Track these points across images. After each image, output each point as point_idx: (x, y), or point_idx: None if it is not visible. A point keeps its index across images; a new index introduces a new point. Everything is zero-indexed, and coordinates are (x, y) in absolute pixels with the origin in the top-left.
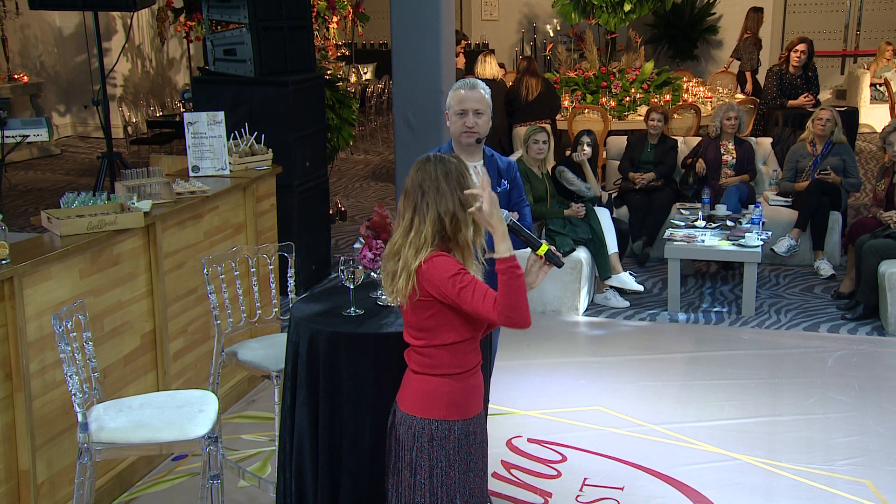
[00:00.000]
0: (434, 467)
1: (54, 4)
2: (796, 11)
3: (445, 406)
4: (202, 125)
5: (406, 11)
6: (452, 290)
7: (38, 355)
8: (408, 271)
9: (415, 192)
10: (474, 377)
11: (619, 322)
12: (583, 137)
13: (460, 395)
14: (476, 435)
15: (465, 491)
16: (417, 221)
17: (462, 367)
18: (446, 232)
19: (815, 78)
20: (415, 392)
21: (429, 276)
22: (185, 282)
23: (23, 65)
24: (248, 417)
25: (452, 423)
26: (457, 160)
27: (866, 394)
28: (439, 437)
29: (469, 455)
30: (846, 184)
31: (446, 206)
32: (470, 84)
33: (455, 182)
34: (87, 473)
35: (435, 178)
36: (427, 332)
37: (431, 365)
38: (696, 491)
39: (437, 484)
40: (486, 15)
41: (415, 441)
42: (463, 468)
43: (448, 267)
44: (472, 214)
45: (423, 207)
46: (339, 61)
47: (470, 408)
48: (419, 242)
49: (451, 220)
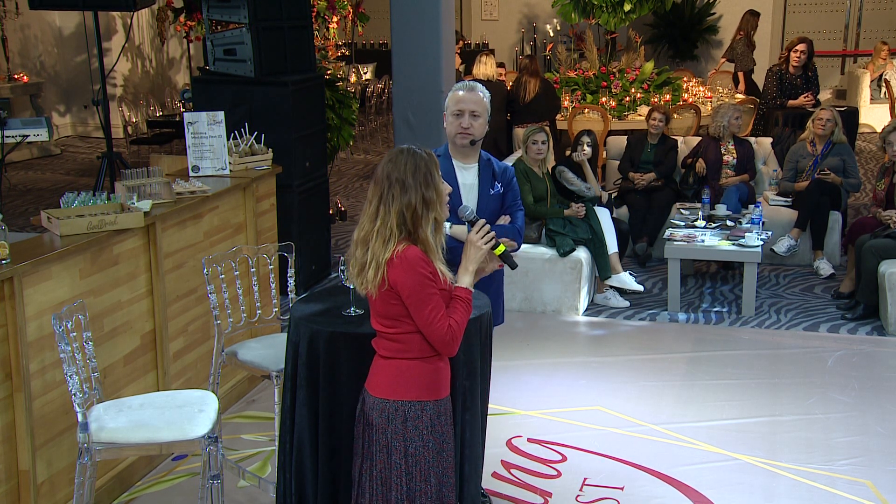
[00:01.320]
0: (408, 447)
1: (54, 4)
2: (796, 11)
3: (416, 388)
4: (202, 125)
5: (406, 11)
6: (413, 295)
7: (38, 355)
8: (377, 262)
9: (383, 182)
10: (442, 361)
11: (619, 322)
12: (583, 137)
13: (430, 377)
14: (447, 416)
15: (439, 470)
16: (383, 212)
17: (430, 350)
18: (407, 224)
19: (815, 78)
20: (386, 376)
21: (398, 270)
22: (185, 282)
23: (23, 65)
24: (248, 417)
25: (424, 404)
26: (428, 155)
27: (866, 394)
28: (412, 417)
29: (441, 435)
30: (846, 184)
31: (409, 201)
32: (469, 86)
33: (422, 178)
34: (87, 473)
35: (403, 171)
36: (396, 319)
37: (402, 349)
38: (696, 491)
39: (412, 464)
40: (486, 15)
41: (389, 423)
42: (436, 448)
43: (418, 267)
44: (436, 216)
45: (389, 199)
46: (339, 61)
47: (440, 389)
48: (386, 233)
49: (412, 215)
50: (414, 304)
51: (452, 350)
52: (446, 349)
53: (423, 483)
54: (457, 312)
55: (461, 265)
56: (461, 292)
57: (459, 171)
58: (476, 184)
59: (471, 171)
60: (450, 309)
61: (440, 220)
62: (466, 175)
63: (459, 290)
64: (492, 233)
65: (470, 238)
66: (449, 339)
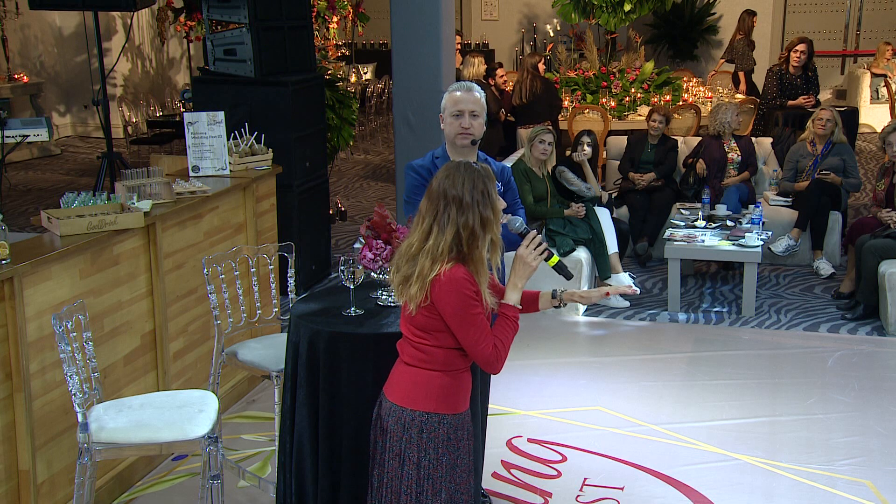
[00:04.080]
0: (422, 459)
1: (54, 4)
2: (796, 11)
3: (436, 399)
4: (202, 125)
5: (406, 11)
6: (456, 316)
7: (38, 355)
8: (423, 280)
9: (438, 199)
10: (465, 374)
11: (619, 322)
12: (583, 137)
13: (450, 390)
14: (464, 430)
15: (451, 486)
16: (436, 230)
17: (454, 365)
18: (463, 246)
19: (815, 78)
20: (406, 383)
21: (443, 290)
22: (185, 282)
23: (23, 65)
24: (248, 417)
25: (442, 417)
26: (485, 171)
27: (866, 394)
28: (428, 429)
29: (457, 450)
30: (846, 184)
31: (466, 221)
32: (466, 86)
33: (479, 196)
34: (87, 473)
35: (461, 189)
36: (428, 332)
37: (426, 360)
38: (696, 491)
39: (424, 476)
40: (486, 15)
41: (404, 432)
42: (450, 463)
43: (463, 288)
44: (493, 237)
45: (444, 219)
46: (339, 61)
47: (459, 403)
48: (436, 253)
49: (470, 235)
50: (458, 324)
51: (497, 369)
52: (492, 368)
53: (433, 497)
54: (501, 331)
55: (510, 281)
56: (508, 310)
57: None
58: None
59: None
60: (495, 328)
61: (496, 241)
62: None
63: (505, 307)
64: (543, 244)
65: (520, 253)
66: (493, 359)
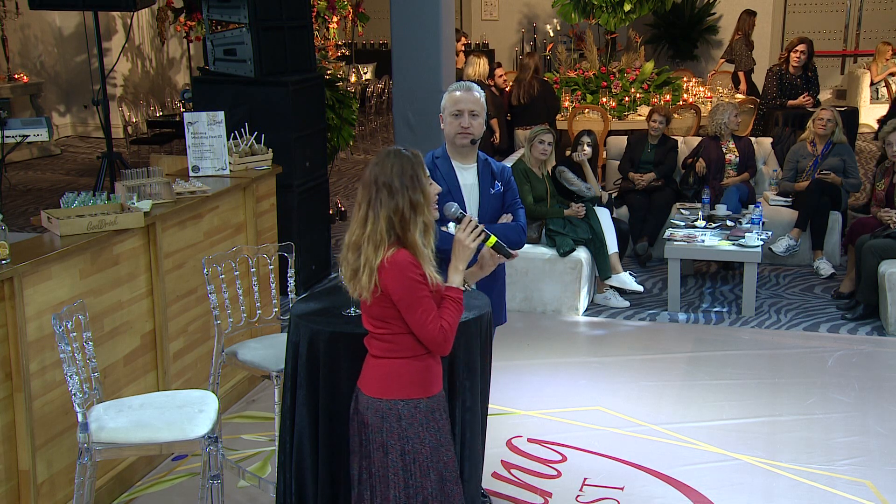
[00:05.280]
0: (405, 445)
1: (54, 4)
2: (796, 11)
3: (408, 385)
4: (202, 125)
5: (406, 11)
6: (404, 299)
7: (38, 355)
8: (370, 268)
9: (371, 185)
10: (433, 357)
11: (619, 322)
12: (583, 137)
13: (422, 374)
14: (440, 411)
15: (440, 465)
16: (372, 217)
17: (420, 349)
18: (396, 230)
19: (815, 78)
20: (378, 376)
21: (388, 275)
22: (185, 282)
23: (23, 65)
24: (248, 417)
25: (417, 402)
26: (414, 156)
27: (866, 394)
28: (407, 415)
29: (438, 431)
30: (846, 184)
31: (396, 206)
32: (466, 86)
33: (409, 181)
34: (87, 473)
35: (390, 174)
36: (386, 321)
37: (393, 349)
38: (696, 491)
39: (410, 461)
40: (486, 15)
41: (383, 422)
42: (434, 444)
43: (407, 272)
44: (424, 219)
45: (377, 204)
46: (339, 61)
47: (432, 385)
48: (377, 239)
49: (401, 219)
50: (405, 307)
51: (445, 350)
52: (439, 349)
53: (423, 479)
54: (448, 313)
55: (451, 264)
56: (452, 292)
57: (459, 172)
58: (476, 184)
59: (470, 171)
60: (441, 310)
61: (428, 224)
62: (466, 175)
63: (450, 289)
64: (479, 226)
65: (458, 237)
66: (441, 339)
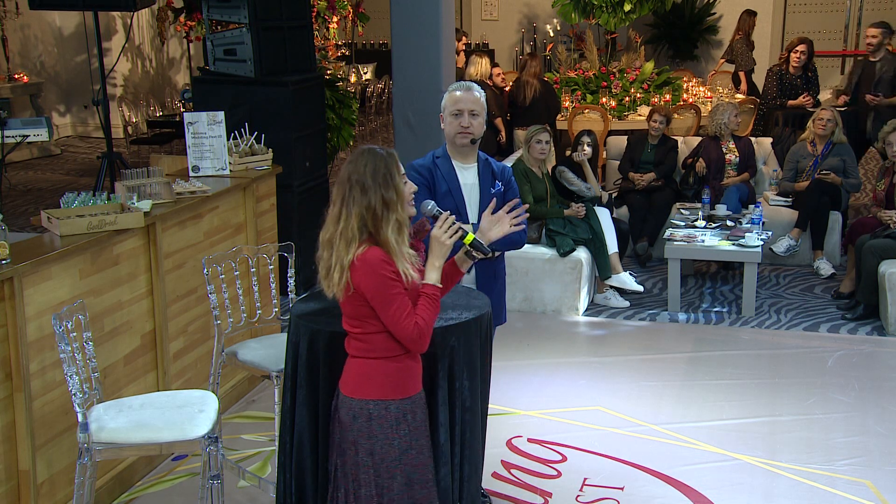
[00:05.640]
0: (374, 446)
1: (54, 4)
2: (796, 11)
3: (381, 386)
4: (202, 125)
5: (406, 11)
6: (377, 297)
7: (38, 355)
8: (341, 265)
9: (344, 183)
10: (411, 359)
11: (619, 322)
12: (583, 137)
13: (396, 376)
14: (414, 413)
15: (407, 468)
16: (345, 214)
17: (398, 349)
18: (369, 227)
19: (815, 78)
20: (354, 375)
21: (360, 273)
22: (185, 282)
23: (23, 65)
24: (248, 417)
25: (388, 403)
26: (389, 155)
27: (866, 394)
28: (377, 416)
29: (408, 433)
30: (846, 184)
31: (369, 203)
32: (466, 86)
33: (381, 179)
34: (87, 473)
35: (363, 173)
36: (362, 319)
37: (368, 349)
38: (696, 491)
39: (378, 461)
40: (486, 15)
41: (354, 421)
42: (402, 446)
43: (379, 269)
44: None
45: (350, 201)
46: (339, 61)
47: (406, 388)
48: (348, 236)
49: (373, 217)
50: (379, 304)
51: (422, 347)
52: (415, 346)
53: (389, 480)
54: (423, 309)
55: (428, 261)
56: (428, 289)
57: (460, 172)
58: (477, 183)
59: (471, 170)
60: (417, 307)
61: (402, 221)
62: (467, 175)
63: (426, 286)
64: (456, 224)
65: (434, 233)
66: (416, 336)
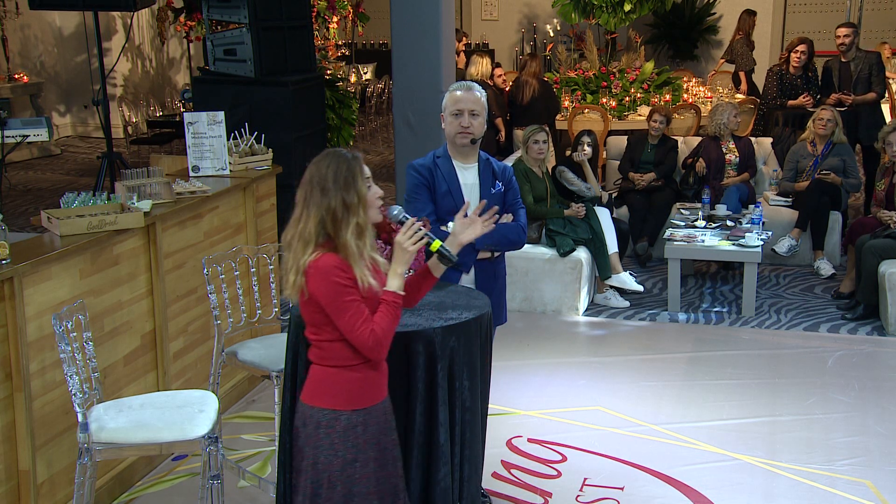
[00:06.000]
0: (319, 455)
1: (54, 4)
2: (796, 11)
3: (333, 395)
4: (202, 125)
5: (406, 11)
6: (331, 304)
7: (38, 355)
8: (297, 267)
9: (305, 185)
10: (370, 368)
11: (619, 322)
12: (583, 137)
13: (349, 387)
14: (366, 426)
15: (349, 481)
16: (305, 216)
17: (355, 358)
18: (328, 229)
19: (815, 78)
20: (310, 381)
21: (313, 280)
22: (185, 282)
23: (23, 65)
24: (248, 417)
25: (338, 413)
26: (353, 158)
27: (866, 394)
28: (325, 425)
29: (355, 446)
30: (846, 184)
31: (328, 205)
32: (466, 86)
33: (343, 182)
34: (87, 473)
35: (324, 175)
36: (318, 327)
37: (323, 356)
38: (696, 491)
39: (321, 471)
40: (486, 15)
41: (303, 428)
42: (347, 458)
43: (333, 276)
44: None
45: (311, 203)
46: (339, 61)
47: (362, 398)
48: (306, 237)
49: (332, 219)
50: (333, 312)
51: (379, 355)
52: (372, 355)
53: (328, 490)
54: (382, 317)
55: (390, 268)
56: (388, 296)
57: (460, 171)
58: (477, 183)
59: (471, 170)
60: (376, 314)
61: (363, 225)
62: (467, 175)
63: (387, 293)
64: (421, 231)
65: (398, 239)
66: (372, 344)
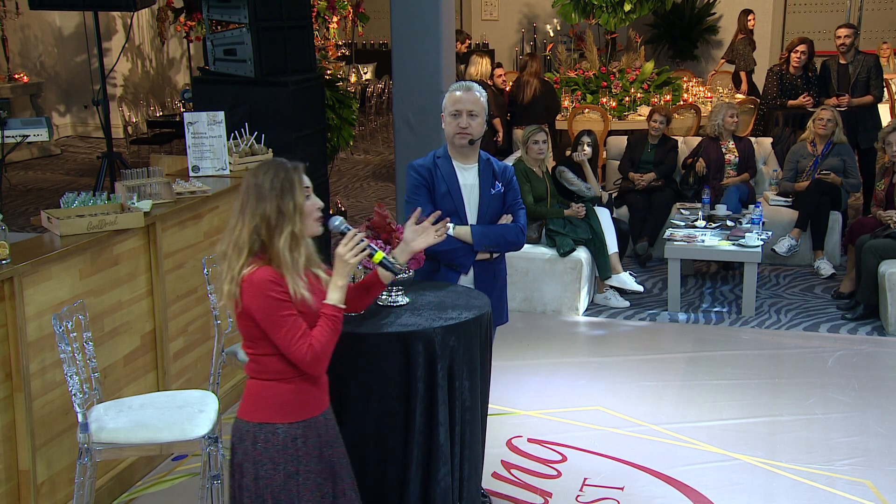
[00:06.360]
0: (259, 470)
1: (54, 4)
2: (796, 11)
3: (269, 409)
4: (202, 125)
5: (406, 11)
6: (265, 319)
7: (38, 355)
8: (231, 275)
9: (242, 193)
10: (307, 380)
11: (619, 322)
12: (583, 137)
13: (286, 399)
14: (306, 438)
15: (292, 493)
16: (240, 223)
17: (291, 371)
18: (262, 237)
19: (815, 78)
20: (246, 396)
21: (248, 295)
22: (185, 282)
23: (23, 65)
24: None
25: (276, 426)
26: (292, 167)
27: (866, 394)
28: (262, 439)
29: (296, 459)
30: (846, 184)
31: (263, 212)
32: (466, 86)
33: (279, 189)
34: (87, 473)
35: (261, 182)
36: (253, 340)
37: (259, 370)
38: (696, 491)
39: (263, 486)
40: (486, 15)
41: (239, 444)
42: (289, 471)
43: (267, 290)
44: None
45: (246, 210)
46: (339, 61)
47: (300, 410)
48: (240, 244)
49: (266, 226)
50: (269, 327)
51: (317, 370)
52: (311, 370)
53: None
54: (320, 331)
55: (331, 281)
56: (327, 309)
57: (460, 172)
58: (477, 184)
59: (471, 171)
60: (315, 328)
61: (298, 235)
62: (467, 175)
63: (326, 307)
64: (362, 244)
65: (338, 251)
66: (311, 359)
